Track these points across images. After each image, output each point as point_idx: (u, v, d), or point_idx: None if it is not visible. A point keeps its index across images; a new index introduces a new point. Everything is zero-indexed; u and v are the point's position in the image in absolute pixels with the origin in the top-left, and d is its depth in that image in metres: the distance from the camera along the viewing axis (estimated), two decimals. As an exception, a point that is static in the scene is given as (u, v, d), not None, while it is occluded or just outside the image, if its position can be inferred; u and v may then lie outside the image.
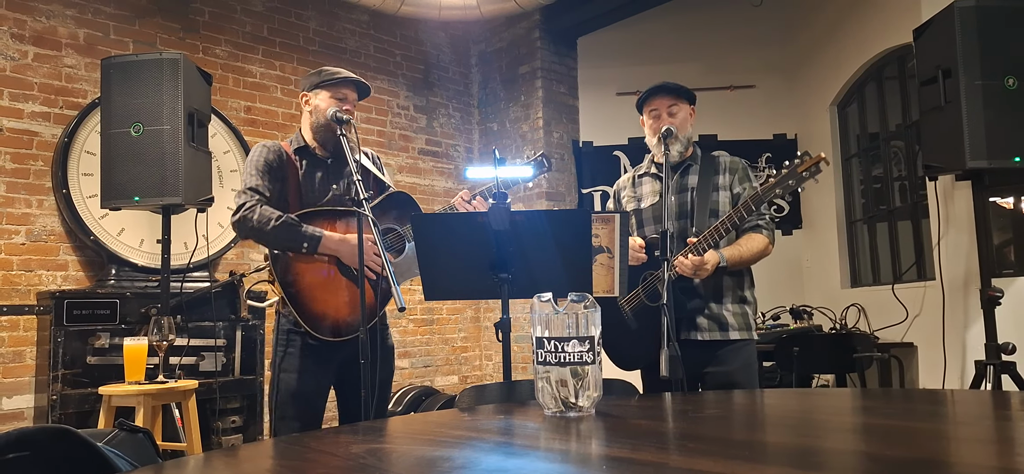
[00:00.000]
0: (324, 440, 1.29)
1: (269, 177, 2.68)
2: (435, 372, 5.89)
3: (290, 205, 2.69)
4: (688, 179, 2.89)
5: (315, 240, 2.59)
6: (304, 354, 2.63)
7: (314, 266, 2.63)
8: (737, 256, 2.75)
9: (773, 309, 5.07)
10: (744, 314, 2.80)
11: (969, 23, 3.33)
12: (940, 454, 1.05)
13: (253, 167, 2.68)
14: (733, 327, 2.77)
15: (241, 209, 2.60)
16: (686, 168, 2.91)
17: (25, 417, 4.01)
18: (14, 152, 4.13)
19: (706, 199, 2.82)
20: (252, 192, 2.63)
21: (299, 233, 2.58)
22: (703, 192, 2.83)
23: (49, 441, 1.11)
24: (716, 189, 2.86)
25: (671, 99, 2.88)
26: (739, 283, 2.82)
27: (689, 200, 2.86)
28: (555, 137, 5.91)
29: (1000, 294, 3.39)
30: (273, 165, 2.69)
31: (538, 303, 1.39)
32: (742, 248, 2.77)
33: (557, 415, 1.35)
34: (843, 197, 5.57)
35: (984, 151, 3.26)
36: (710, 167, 2.89)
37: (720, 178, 2.88)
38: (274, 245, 2.60)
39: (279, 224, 2.57)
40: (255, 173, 2.67)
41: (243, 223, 2.59)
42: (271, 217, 2.57)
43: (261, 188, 2.65)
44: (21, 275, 4.10)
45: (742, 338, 2.77)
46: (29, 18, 4.24)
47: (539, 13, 5.83)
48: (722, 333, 2.75)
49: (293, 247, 2.59)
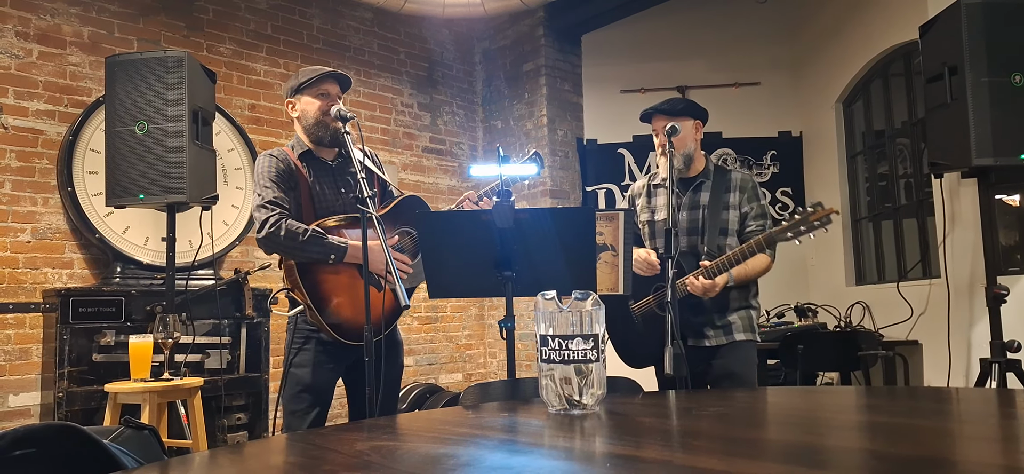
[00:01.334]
0: (329, 437, 1.29)
1: (283, 187, 2.66)
2: (439, 370, 5.90)
3: (302, 212, 2.69)
4: (700, 196, 2.95)
5: (342, 251, 2.59)
6: (317, 350, 2.65)
7: (336, 274, 2.63)
8: (743, 274, 2.85)
9: (778, 307, 5.06)
10: (749, 318, 2.92)
11: (975, 20, 3.31)
12: (945, 452, 1.05)
13: (267, 178, 2.65)
14: (738, 329, 2.89)
15: (266, 225, 2.56)
16: (699, 185, 2.97)
17: (32, 414, 4.03)
18: (19, 150, 4.14)
19: (717, 218, 2.91)
20: (273, 205, 2.60)
21: (327, 245, 2.58)
22: (714, 210, 2.91)
23: (55, 438, 1.11)
24: (726, 208, 2.93)
25: (666, 119, 2.91)
26: (744, 295, 2.94)
27: (701, 218, 2.93)
28: (559, 135, 5.90)
29: (1006, 292, 3.38)
30: (284, 174, 2.67)
31: (542, 301, 1.39)
32: (747, 267, 2.85)
33: (561, 413, 1.36)
34: (848, 194, 5.55)
35: (990, 148, 3.25)
36: (722, 184, 2.96)
37: (731, 196, 2.95)
38: (303, 258, 2.59)
39: (307, 239, 2.56)
40: (270, 185, 2.64)
41: (271, 239, 2.55)
42: (298, 232, 2.55)
43: (281, 201, 2.62)
44: (27, 273, 4.11)
45: (746, 339, 2.90)
46: (34, 16, 4.25)
47: (543, 10, 5.83)
48: (727, 337, 2.88)
49: (321, 259, 2.59)
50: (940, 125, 3.51)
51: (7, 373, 3.98)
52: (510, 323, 2.25)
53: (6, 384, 3.98)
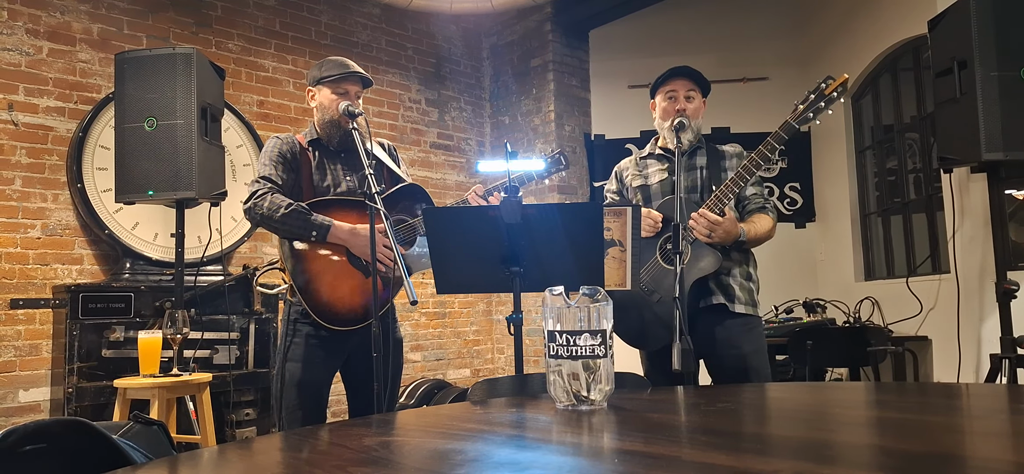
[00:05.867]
0: (337, 432, 1.29)
1: (283, 167, 2.71)
2: (447, 365, 5.91)
3: (303, 196, 2.71)
4: (696, 159, 2.91)
5: (324, 229, 2.61)
6: (310, 344, 2.65)
7: (324, 255, 2.65)
8: (752, 233, 2.78)
9: (786, 302, 5.04)
10: (749, 290, 2.81)
11: (985, 14, 3.29)
12: (955, 448, 1.05)
13: (267, 157, 2.72)
14: (739, 300, 2.76)
15: (252, 196, 2.62)
16: (694, 150, 2.92)
17: (42, 409, 4.05)
18: (29, 147, 4.16)
19: (717, 178, 2.84)
20: (264, 181, 2.66)
21: (308, 221, 2.60)
22: (713, 171, 2.85)
23: (65, 433, 1.12)
24: (725, 171, 2.87)
25: (690, 84, 2.88)
26: (744, 259, 2.84)
27: (699, 177, 2.87)
28: (567, 130, 5.90)
29: (1016, 287, 3.36)
30: (287, 156, 2.73)
31: (550, 296, 1.39)
32: (756, 226, 2.79)
33: (569, 408, 1.35)
34: (857, 189, 5.53)
35: (1000, 143, 3.23)
36: (716, 154, 2.92)
37: (727, 162, 2.90)
38: (283, 232, 2.62)
39: (289, 211, 2.59)
40: (268, 163, 2.71)
41: (253, 210, 2.61)
42: (280, 204, 2.59)
43: (273, 177, 2.68)
44: (37, 269, 4.14)
45: (748, 313, 2.77)
46: (44, 13, 4.26)
47: (551, 6, 5.82)
48: (729, 303, 2.75)
49: (302, 235, 2.61)
50: (949, 120, 3.48)
51: (17, 368, 4.01)
52: (518, 318, 2.25)
53: (16, 379, 4.00)
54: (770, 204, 2.89)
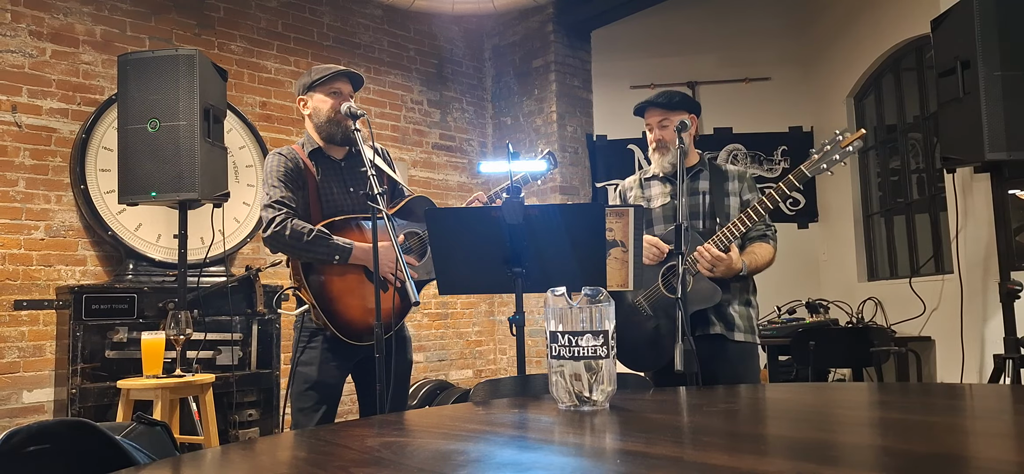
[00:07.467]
0: (340, 433, 1.29)
1: (292, 187, 2.67)
2: (449, 366, 5.91)
3: (311, 211, 2.70)
4: (699, 183, 2.93)
5: (346, 252, 2.59)
6: (324, 348, 2.65)
7: (342, 274, 2.64)
8: (752, 264, 2.81)
9: (789, 302, 5.04)
10: (749, 317, 2.85)
11: (988, 13, 3.29)
12: (958, 448, 1.04)
13: (274, 177, 2.66)
14: (739, 328, 2.81)
15: (272, 225, 2.57)
16: (697, 173, 2.94)
17: (45, 410, 4.06)
18: (33, 148, 4.17)
19: (720, 204, 2.87)
20: (280, 205, 2.61)
21: (331, 246, 2.58)
22: (716, 197, 2.87)
23: (68, 434, 1.12)
24: (727, 195, 2.89)
25: (660, 113, 2.89)
26: (744, 287, 2.87)
27: (701, 203, 2.89)
28: (569, 131, 5.90)
29: (1019, 287, 3.35)
30: (292, 173, 2.68)
31: (552, 297, 1.39)
32: (756, 256, 2.82)
33: (571, 409, 1.35)
34: (860, 190, 5.52)
35: (1003, 143, 3.22)
36: (719, 176, 2.94)
37: (730, 185, 2.92)
38: (307, 259, 2.60)
39: (312, 239, 2.56)
40: (278, 185, 2.64)
41: (276, 239, 2.57)
42: (303, 232, 2.56)
43: (287, 200, 2.63)
44: (40, 270, 4.14)
45: (747, 341, 2.82)
46: (47, 15, 4.27)
47: (552, 6, 5.82)
48: (728, 332, 2.79)
49: (325, 260, 2.59)
50: (952, 119, 3.48)
51: (21, 369, 4.02)
52: (520, 319, 2.25)
53: (20, 380, 4.01)
54: (772, 231, 2.91)
